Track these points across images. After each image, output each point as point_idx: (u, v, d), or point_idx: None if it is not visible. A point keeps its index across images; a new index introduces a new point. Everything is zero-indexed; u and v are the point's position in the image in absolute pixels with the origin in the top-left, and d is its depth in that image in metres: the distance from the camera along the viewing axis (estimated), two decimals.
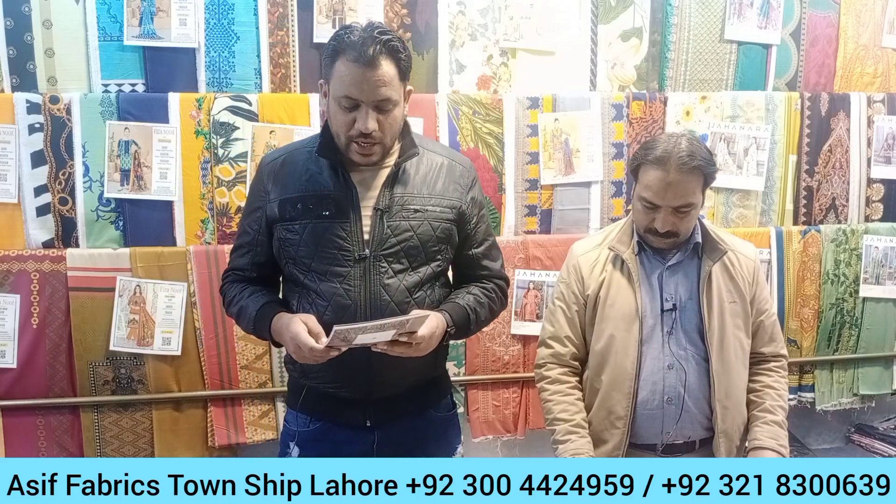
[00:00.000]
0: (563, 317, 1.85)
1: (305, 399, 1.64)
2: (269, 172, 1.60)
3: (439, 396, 1.73)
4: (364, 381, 1.57)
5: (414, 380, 1.63)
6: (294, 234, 1.55)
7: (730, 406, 1.77)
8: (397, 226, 1.54)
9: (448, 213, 1.60)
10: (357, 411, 1.60)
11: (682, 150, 1.66)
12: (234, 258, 1.68)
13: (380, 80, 1.44)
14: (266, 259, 1.63)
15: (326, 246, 1.52)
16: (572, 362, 1.85)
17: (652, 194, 1.68)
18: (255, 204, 1.62)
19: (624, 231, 1.84)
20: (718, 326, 1.76)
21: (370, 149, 1.51)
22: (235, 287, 1.65)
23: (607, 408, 1.78)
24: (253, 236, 1.62)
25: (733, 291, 1.79)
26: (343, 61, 1.45)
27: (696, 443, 1.80)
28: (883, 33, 2.71)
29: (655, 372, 1.75)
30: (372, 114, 1.46)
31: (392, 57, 1.46)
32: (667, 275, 1.78)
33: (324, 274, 1.53)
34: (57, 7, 2.24)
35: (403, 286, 1.55)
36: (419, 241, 1.56)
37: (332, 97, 1.50)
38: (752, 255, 1.87)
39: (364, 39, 1.43)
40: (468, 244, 1.68)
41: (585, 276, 1.83)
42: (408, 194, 1.56)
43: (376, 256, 1.53)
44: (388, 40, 1.45)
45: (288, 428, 1.69)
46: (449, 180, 1.62)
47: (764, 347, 1.87)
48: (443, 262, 1.63)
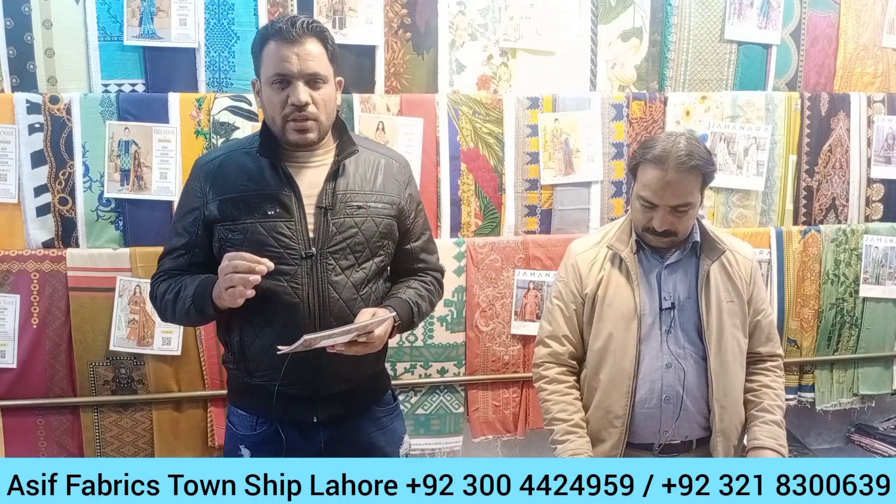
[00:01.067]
0: (561, 315, 1.85)
1: (252, 398, 1.63)
2: (206, 173, 1.60)
3: (382, 392, 1.76)
4: (313, 378, 1.58)
5: (360, 375, 1.65)
6: (237, 234, 1.55)
7: (727, 405, 1.77)
8: (342, 223, 1.56)
9: (389, 208, 1.63)
10: (305, 409, 1.61)
11: (681, 150, 1.66)
12: (166, 262, 1.65)
13: (307, 55, 1.50)
14: (204, 260, 1.62)
15: (271, 245, 1.53)
16: (570, 361, 1.86)
17: (650, 193, 1.69)
18: (191, 205, 1.61)
19: (623, 230, 1.84)
20: (717, 326, 1.76)
21: (306, 124, 1.53)
22: (169, 281, 1.61)
23: (605, 407, 1.78)
24: (189, 238, 1.61)
25: (731, 291, 1.80)
26: (270, 44, 1.51)
27: (693, 442, 1.80)
28: (883, 33, 2.71)
29: (654, 371, 1.75)
30: (304, 87, 1.50)
31: (317, 36, 1.53)
32: (665, 274, 1.78)
33: (269, 273, 1.51)
34: (57, 7, 2.24)
35: (351, 283, 1.57)
36: (364, 238, 1.58)
37: (264, 84, 1.54)
38: (750, 255, 1.87)
39: (288, 21, 1.50)
40: (407, 239, 1.72)
41: (584, 274, 1.83)
42: (350, 191, 1.59)
43: (323, 254, 1.54)
44: (311, 22, 1.52)
45: (235, 431, 1.67)
46: (388, 177, 1.66)
47: (761, 347, 1.87)
48: (385, 258, 1.66)
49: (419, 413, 2.52)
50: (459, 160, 2.46)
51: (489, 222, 2.51)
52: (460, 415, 2.55)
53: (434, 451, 2.54)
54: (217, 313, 1.53)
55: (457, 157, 2.46)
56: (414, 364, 2.47)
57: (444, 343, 2.48)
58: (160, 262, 1.67)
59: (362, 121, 2.38)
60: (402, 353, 2.46)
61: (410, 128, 2.41)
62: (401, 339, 2.44)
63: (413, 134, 2.42)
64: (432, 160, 2.44)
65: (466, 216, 2.49)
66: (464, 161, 2.47)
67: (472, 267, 2.46)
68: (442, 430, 2.54)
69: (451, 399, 2.53)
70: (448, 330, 2.48)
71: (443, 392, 2.53)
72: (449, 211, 2.47)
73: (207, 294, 1.51)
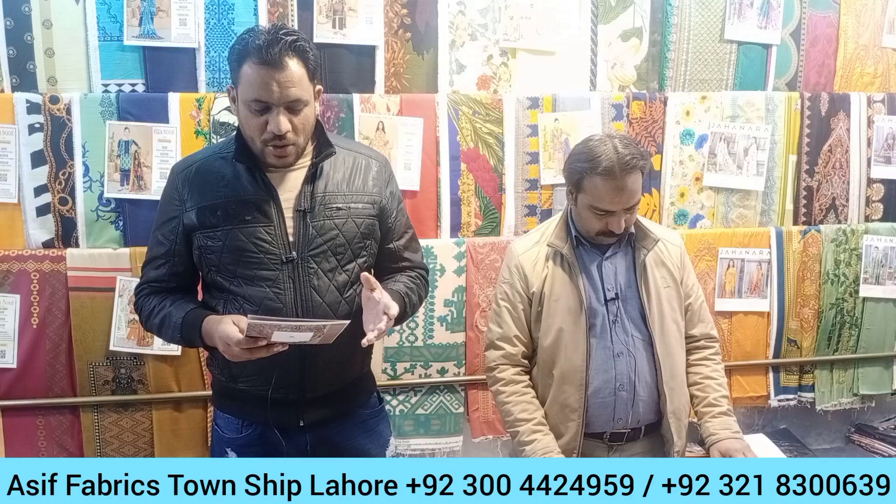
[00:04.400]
0: (510, 316, 1.87)
1: (237, 402, 1.63)
2: (184, 181, 1.59)
3: (367, 394, 1.76)
4: (297, 382, 1.58)
5: (345, 378, 1.65)
6: (216, 241, 1.54)
7: (675, 387, 1.83)
8: (322, 225, 1.55)
9: (370, 208, 1.62)
10: (291, 413, 1.61)
11: (624, 154, 1.69)
12: (147, 271, 1.64)
13: (288, 81, 1.45)
14: (185, 268, 1.61)
15: (251, 251, 1.52)
16: (523, 361, 1.89)
17: (607, 203, 1.72)
18: (170, 214, 1.60)
19: (560, 227, 1.88)
20: (658, 312, 1.82)
21: (284, 150, 1.51)
22: (153, 299, 1.61)
23: (561, 401, 1.81)
24: (169, 247, 1.60)
25: (667, 277, 1.86)
26: (249, 65, 1.45)
27: (641, 430, 1.84)
28: (883, 33, 2.71)
29: (605, 361, 1.80)
30: (284, 114, 1.47)
31: (299, 56, 1.47)
32: (605, 266, 1.83)
33: (251, 279, 1.52)
34: (57, 7, 2.24)
35: (334, 286, 1.56)
36: (345, 239, 1.58)
37: (241, 102, 1.50)
38: (679, 242, 1.96)
39: (269, 41, 1.43)
40: (389, 238, 1.71)
41: (528, 273, 1.85)
42: (329, 193, 1.58)
43: (304, 257, 1.54)
44: (293, 41, 1.45)
45: (221, 434, 1.68)
46: (367, 176, 1.64)
47: (694, 329, 1.93)
48: (368, 258, 1.65)
49: (419, 413, 2.52)
50: (459, 160, 2.46)
51: (489, 222, 2.51)
52: (460, 415, 2.55)
53: (434, 451, 2.54)
54: (207, 347, 1.55)
55: (457, 157, 2.46)
56: (414, 364, 2.47)
57: (444, 343, 2.48)
58: (143, 269, 1.66)
59: (362, 121, 2.38)
60: (402, 353, 2.46)
61: (410, 128, 2.41)
62: (401, 339, 2.45)
63: (413, 134, 2.42)
64: (432, 160, 2.44)
65: (466, 216, 2.49)
66: (464, 161, 2.47)
67: (472, 267, 2.46)
68: (442, 430, 2.54)
69: (451, 399, 2.53)
70: (448, 330, 2.48)
71: (443, 392, 2.53)
72: (449, 211, 2.47)
73: (195, 330, 1.51)
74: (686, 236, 2.53)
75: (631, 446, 1.85)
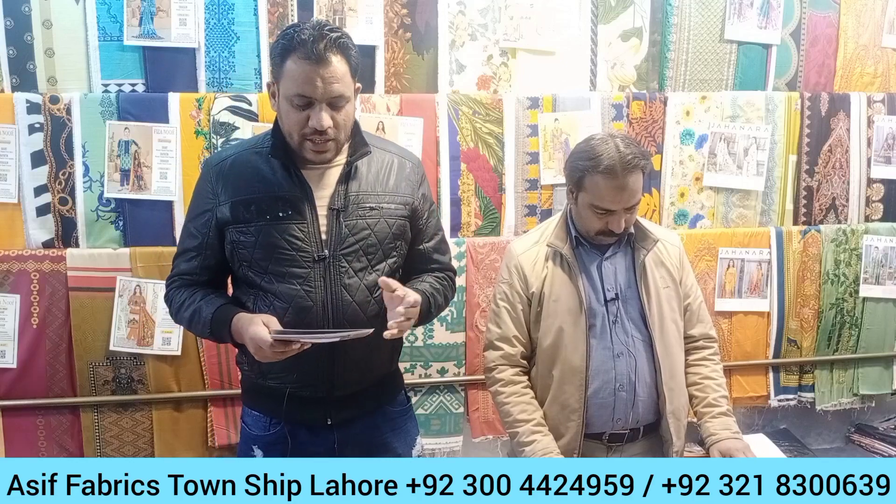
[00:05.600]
0: (509, 317, 1.87)
1: (265, 399, 1.63)
2: (218, 175, 1.58)
3: (395, 392, 1.76)
4: (326, 380, 1.58)
5: (373, 376, 1.64)
6: (248, 237, 1.54)
7: (675, 387, 1.83)
8: (354, 224, 1.55)
9: (402, 209, 1.62)
10: (318, 410, 1.61)
11: (626, 154, 1.69)
12: (178, 263, 1.65)
13: (332, 77, 1.45)
14: (216, 262, 1.61)
15: (283, 248, 1.52)
16: (522, 361, 1.88)
17: (608, 202, 1.72)
18: (203, 207, 1.60)
19: (560, 227, 1.87)
20: (658, 312, 1.82)
21: (324, 145, 1.51)
22: (184, 292, 1.62)
23: (560, 402, 1.81)
24: (201, 240, 1.60)
25: (666, 277, 1.86)
26: (294, 59, 1.45)
27: (640, 430, 1.84)
28: (883, 33, 2.71)
29: (605, 362, 1.79)
30: (326, 110, 1.47)
31: (343, 53, 1.47)
32: (605, 266, 1.83)
33: (282, 276, 1.52)
34: (57, 7, 2.24)
35: (364, 286, 1.56)
36: (377, 239, 1.57)
37: (283, 97, 1.50)
38: (677, 242, 1.95)
39: (314, 37, 1.43)
40: (420, 239, 1.70)
41: (528, 273, 1.85)
42: (362, 192, 1.57)
43: (336, 256, 1.53)
44: (337, 37, 1.46)
45: (248, 432, 1.68)
46: (400, 177, 1.64)
47: (693, 329, 1.93)
48: (398, 259, 1.64)
49: (419, 413, 2.51)
50: (459, 160, 2.46)
51: (489, 222, 2.51)
52: (460, 415, 2.55)
53: (434, 451, 2.54)
54: (236, 344, 1.56)
55: (457, 157, 2.46)
56: (414, 364, 2.47)
57: (444, 343, 2.48)
58: (174, 261, 1.67)
59: (362, 121, 2.37)
60: (403, 353, 2.44)
61: (410, 128, 2.41)
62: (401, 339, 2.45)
63: (413, 134, 2.42)
64: (432, 160, 2.44)
65: (466, 216, 2.49)
66: (464, 161, 2.47)
67: (472, 267, 2.46)
68: (442, 430, 2.54)
69: (451, 399, 2.53)
70: (448, 330, 2.48)
71: (443, 392, 2.53)
72: (449, 211, 2.47)
73: (225, 327, 1.52)
74: (686, 236, 2.54)
75: (630, 447, 1.84)
